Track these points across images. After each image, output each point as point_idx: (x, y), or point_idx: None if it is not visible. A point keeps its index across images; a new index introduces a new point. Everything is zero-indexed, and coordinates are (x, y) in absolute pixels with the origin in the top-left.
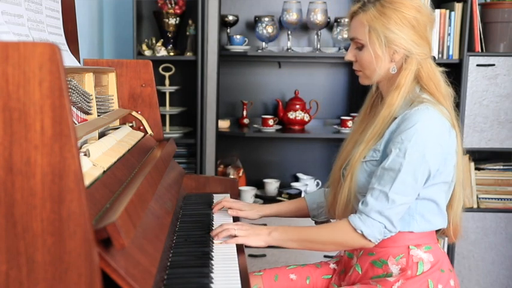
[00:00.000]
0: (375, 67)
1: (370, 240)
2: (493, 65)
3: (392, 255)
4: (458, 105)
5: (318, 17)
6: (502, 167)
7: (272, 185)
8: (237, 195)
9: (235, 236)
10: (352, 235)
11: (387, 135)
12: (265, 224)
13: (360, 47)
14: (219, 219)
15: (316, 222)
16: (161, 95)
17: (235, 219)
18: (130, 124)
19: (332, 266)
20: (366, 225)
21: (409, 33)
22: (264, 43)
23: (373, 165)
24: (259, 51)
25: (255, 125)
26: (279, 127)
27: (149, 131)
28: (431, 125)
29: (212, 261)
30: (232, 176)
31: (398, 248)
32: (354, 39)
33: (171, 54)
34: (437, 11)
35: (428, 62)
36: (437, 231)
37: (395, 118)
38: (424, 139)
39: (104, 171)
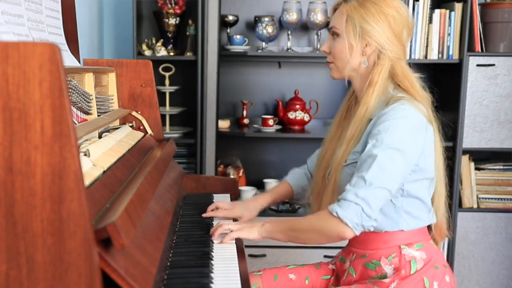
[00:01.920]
0: (348, 58)
1: (346, 224)
2: (493, 65)
3: (384, 255)
4: (458, 105)
5: (318, 17)
6: (502, 167)
7: (272, 185)
8: (237, 195)
9: (231, 232)
10: (329, 220)
11: (365, 137)
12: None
13: (335, 37)
14: (219, 219)
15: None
16: (161, 95)
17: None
18: (130, 124)
19: (331, 266)
20: (342, 207)
21: (384, 28)
22: (264, 43)
23: (354, 167)
24: (259, 51)
25: (255, 125)
26: (279, 127)
27: (149, 131)
28: (408, 120)
29: (212, 261)
30: (232, 176)
31: (389, 248)
32: (331, 28)
33: (171, 54)
34: (437, 11)
35: (402, 63)
36: (429, 228)
37: (372, 120)
38: (400, 130)
39: (104, 171)
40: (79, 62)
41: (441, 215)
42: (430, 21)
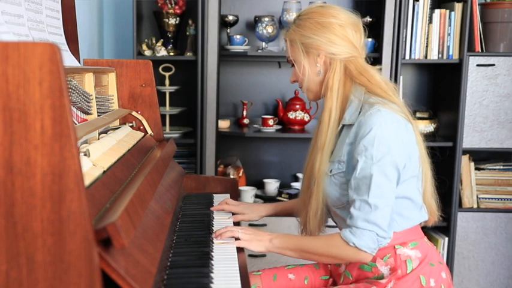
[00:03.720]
0: (304, 77)
1: (365, 252)
2: (493, 65)
3: (380, 256)
4: (458, 105)
5: None
6: (502, 167)
7: (272, 185)
8: (237, 195)
9: (238, 239)
10: (346, 249)
11: (347, 146)
12: (265, 225)
13: (292, 65)
14: (219, 219)
15: None
16: (161, 95)
17: (236, 222)
18: (131, 124)
19: (330, 267)
20: (357, 236)
21: (324, 35)
22: (264, 43)
23: (341, 177)
24: (259, 51)
25: (255, 125)
26: (279, 127)
27: (149, 131)
28: (388, 125)
29: (212, 261)
30: (232, 176)
31: (384, 249)
32: (287, 60)
33: (171, 54)
34: (437, 11)
35: (356, 60)
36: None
37: (349, 126)
38: (385, 139)
39: (104, 171)
40: (79, 62)
41: (431, 203)
42: (430, 21)
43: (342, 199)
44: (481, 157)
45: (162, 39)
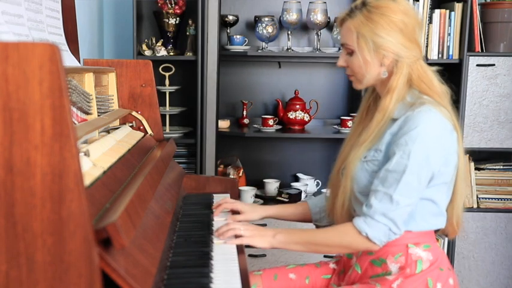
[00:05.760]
0: (364, 72)
1: (375, 243)
2: (493, 65)
3: (392, 254)
4: (458, 105)
5: (318, 17)
6: (502, 167)
7: (272, 185)
8: (237, 195)
9: (240, 236)
10: (357, 238)
11: (388, 136)
12: (265, 225)
13: (350, 53)
14: (219, 219)
15: (317, 227)
16: (161, 95)
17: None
18: (131, 124)
19: (331, 266)
20: (371, 227)
21: (397, 36)
22: (264, 43)
23: (374, 165)
24: (259, 51)
25: (255, 125)
26: (279, 127)
27: (149, 131)
28: (434, 127)
29: (212, 261)
30: (232, 176)
31: (397, 246)
32: (344, 45)
33: (171, 54)
34: (437, 11)
35: (419, 63)
36: (436, 230)
37: (395, 120)
38: (427, 141)
39: (104, 171)
40: (79, 62)
41: (459, 215)
42: (430, 21)
43: (370, 187)
44: (481, 157)
45: (162, 39)
